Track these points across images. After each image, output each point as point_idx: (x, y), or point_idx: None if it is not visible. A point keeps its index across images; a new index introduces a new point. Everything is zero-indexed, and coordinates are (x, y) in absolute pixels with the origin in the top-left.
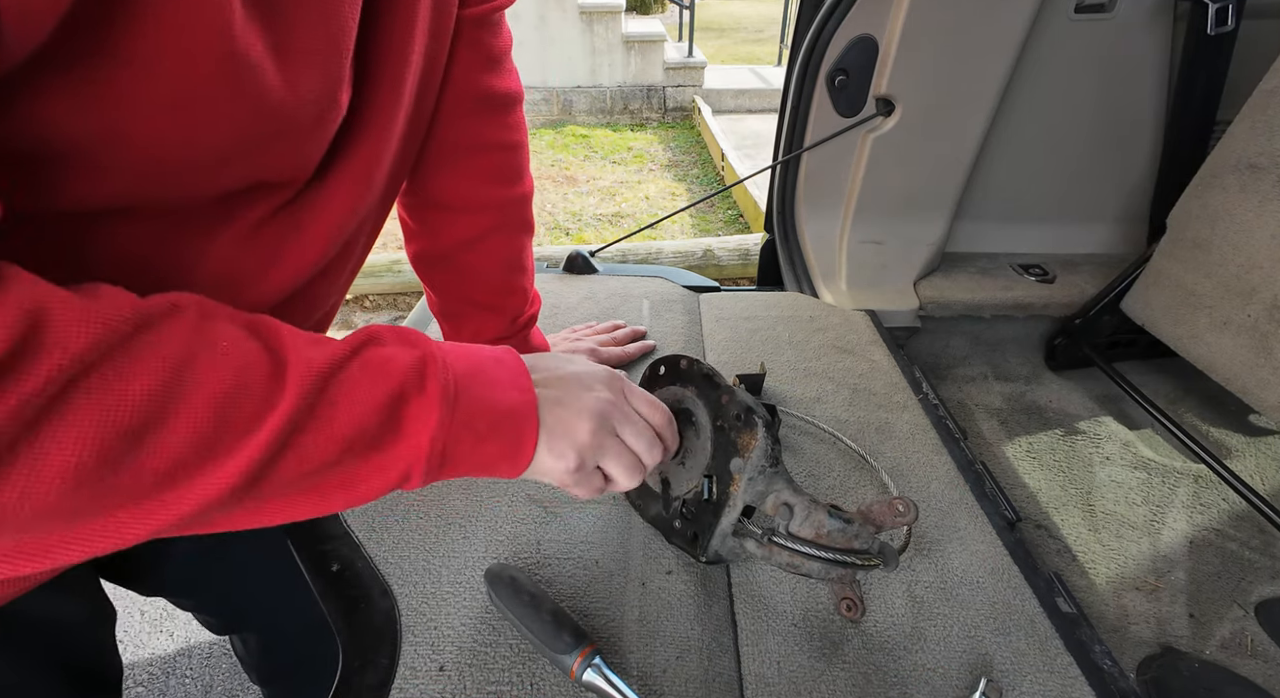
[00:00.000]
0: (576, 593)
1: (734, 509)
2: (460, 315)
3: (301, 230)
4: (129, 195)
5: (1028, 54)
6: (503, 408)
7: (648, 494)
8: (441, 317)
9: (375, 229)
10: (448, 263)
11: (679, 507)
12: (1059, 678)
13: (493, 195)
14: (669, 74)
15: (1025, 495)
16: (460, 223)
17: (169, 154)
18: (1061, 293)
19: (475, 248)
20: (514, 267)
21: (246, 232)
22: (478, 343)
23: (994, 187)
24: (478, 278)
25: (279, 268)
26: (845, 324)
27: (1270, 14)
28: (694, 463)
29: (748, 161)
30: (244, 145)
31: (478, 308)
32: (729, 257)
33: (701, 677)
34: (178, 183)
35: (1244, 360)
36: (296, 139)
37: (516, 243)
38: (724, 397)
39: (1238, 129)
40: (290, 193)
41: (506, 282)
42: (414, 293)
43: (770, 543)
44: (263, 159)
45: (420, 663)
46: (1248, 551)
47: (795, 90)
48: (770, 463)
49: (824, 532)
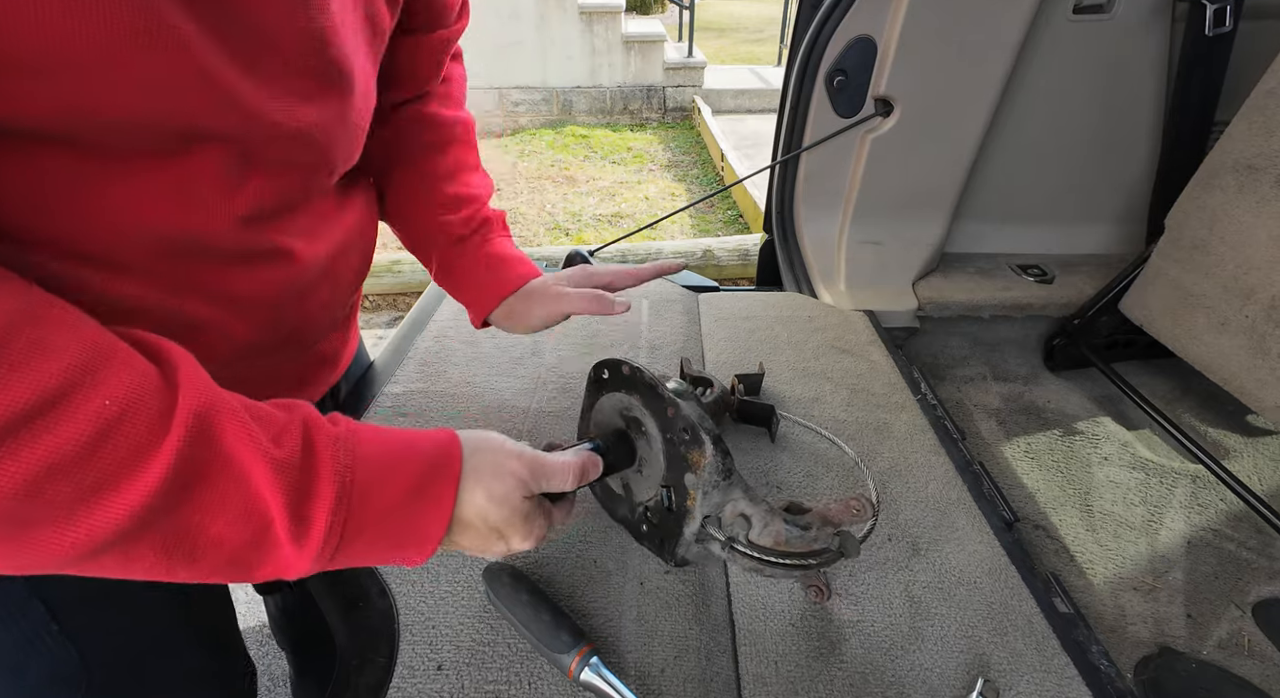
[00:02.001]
0: (575, 592)
1: (694, 521)
2: (419, 245)
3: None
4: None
5: (1026, 55)
6: (398, 542)
7: (613, 496)
8: (418, 256)
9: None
10: (396, 190)
11: (642, 512)
12: (1056, 678)
13: (429, 112)
14: (669, 74)
15: (1023, 496)
16: (401, 144)
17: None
18: (1060, 293)
19: (413, 166)
20: (449, 179)
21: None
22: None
23: (993, 187)
24: (418, 197)
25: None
26: (844, 324)
27: (1268, 15)
28: (650, 472)
29: (747, 162)
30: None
31: (429, 233)
32: (728, 257)
33: (699, 677)
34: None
35: (1242, 361)
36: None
37: (450, 158)
38: (669, 410)
39: (1236, 130)
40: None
41: (444, 193)
42: (414, 293)
43: (733, 551)
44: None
45: (418, 662)
46: (1245, 551)
47: (794, 90)
48: (723, 476)
49: (783, 540)
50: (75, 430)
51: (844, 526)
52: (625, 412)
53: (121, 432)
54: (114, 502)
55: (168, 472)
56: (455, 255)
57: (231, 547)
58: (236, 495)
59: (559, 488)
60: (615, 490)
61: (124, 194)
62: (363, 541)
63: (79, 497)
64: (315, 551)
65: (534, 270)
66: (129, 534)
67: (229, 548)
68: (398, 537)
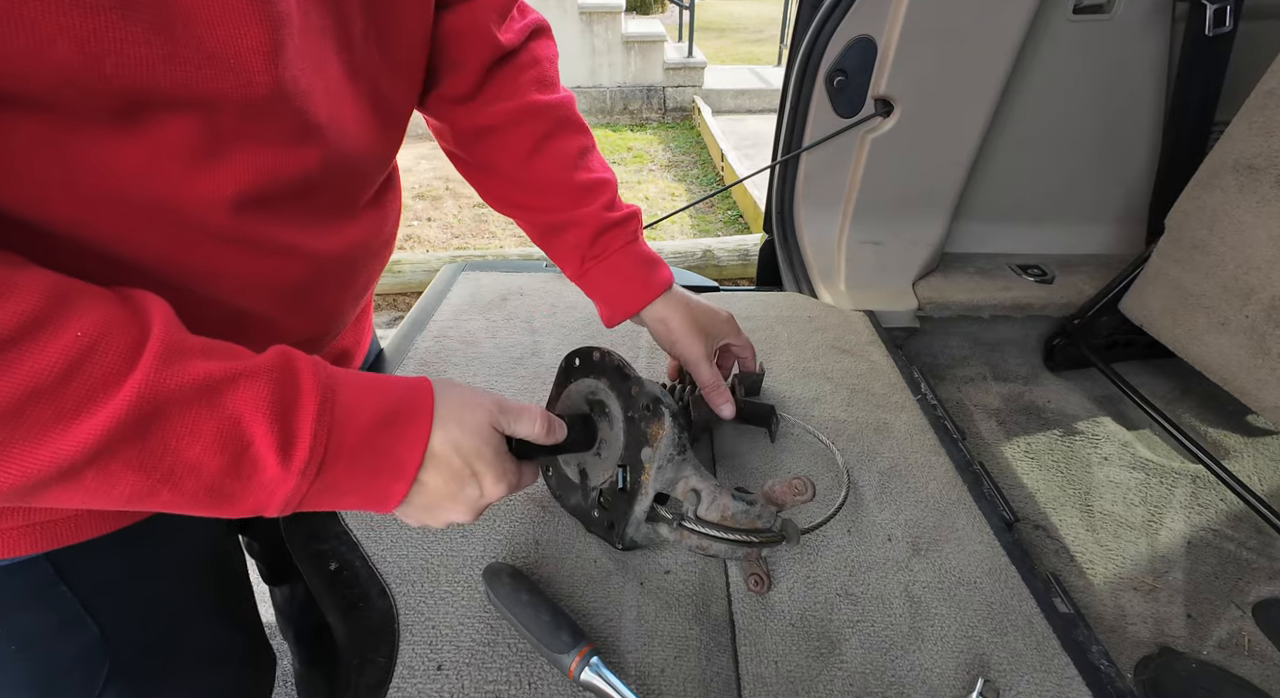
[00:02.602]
0: (575, 592)
1: (646, 497)
2: (547, 240)
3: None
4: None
5: (1026, 55)
6: (376, 472)
7: (567, 484)
8: (543, 247)
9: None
10: (516, 187)
11: (596, 496)
12: (1056, 678)
13: (531, 101)
14: (669, 74)
15: (1023, 496)
16: (511, 141)
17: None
18: (1060, 293)
19: (533, 161)
20: (577, 167)
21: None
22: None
23: (993, 187)
24: (544, 191)
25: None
26: (844, 324)
27: (1268, 15)
28: (609, 454)
29: (747, 162)
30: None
31: (556, 229)
32: (728, 257)
33: (699, 677)
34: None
35: (1242, 361)
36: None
37: (573, 143)
38: (633, 388)
39: (1236, 130)
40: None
41: (572, 183)
42: (413, 293)
43: (680, 528)
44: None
45: (418, 662)
46: (1245, 551)
47: (794, 90)
48: (678, 451)
49: (728, 514)
50: (50, 358)
51: (788, 504)
52: (591, 396)
53: (94, 360)
54: (84, 425)
55: (135, 398)
56: (603, 248)
57: (210, 472)
58: (211, 421)
59: (526, 431)
60: (570, 478)
61: (93, 159)
62: (342, 463)
63: (56, 417)
64: (300, 465)
65: (670, 275)
66: (102, 454)
67: (208, 474)
68: (374, 462)
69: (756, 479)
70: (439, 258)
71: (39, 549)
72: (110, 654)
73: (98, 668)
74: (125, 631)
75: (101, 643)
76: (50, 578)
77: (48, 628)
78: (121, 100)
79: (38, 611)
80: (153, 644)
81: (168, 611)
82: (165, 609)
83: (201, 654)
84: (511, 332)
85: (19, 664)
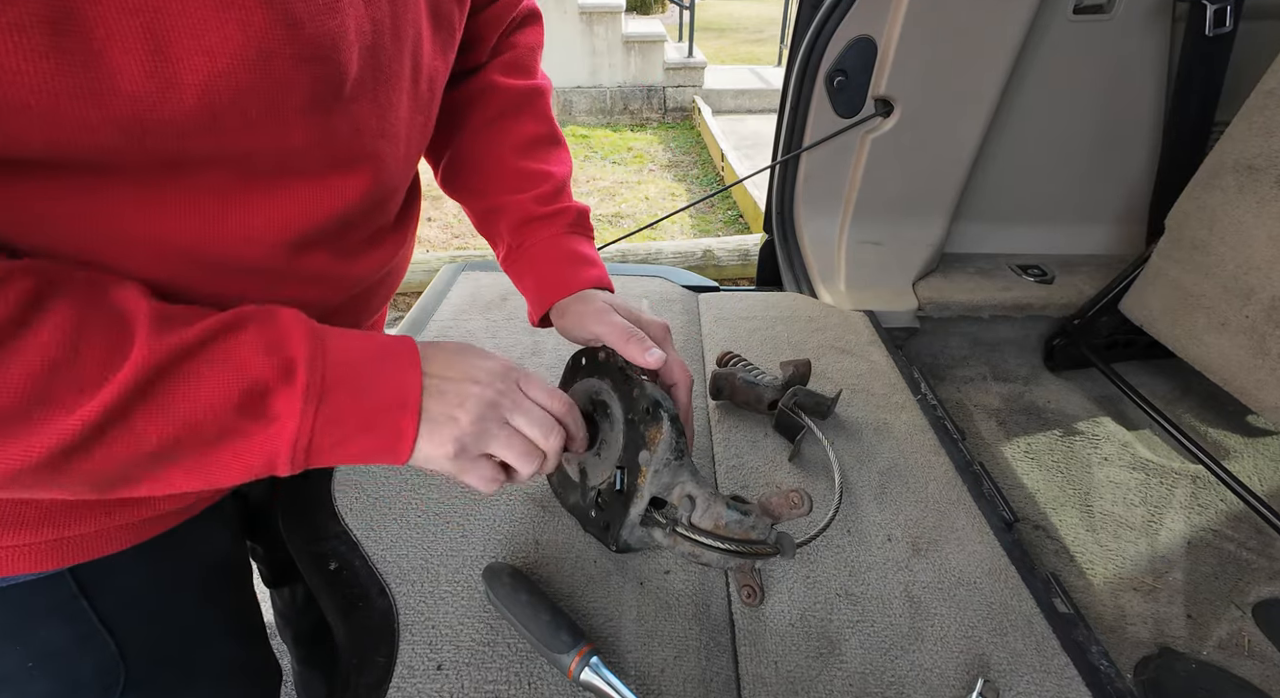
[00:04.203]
0: (574, 592)
1: (641, 500)
2: (484, 227)
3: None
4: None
5: (1026, 55)
6: (379, 404)
7: (567, 483)
8: (483, 234)
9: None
10: (458, 168)
11: (594, 496)
12: (1055, 678)
13: (491, 81)
14: (669, 74)
15: (1023, 496)
16: (461, 120)
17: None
18: (1060, 294)
19: (476, 140)
20: (520, 153)
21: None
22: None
23: (992, 187)
24: (479, 172)
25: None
26: (844, 325)
27: (1268, 15)
28: (609, 454)
29: (747, 162)
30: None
31: (487, 214)
32: (728, 257)
33: (699, 677)
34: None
35: (1242, 361)
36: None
37: (524, 129)
38: (635, 390)
39: (1236, 130)
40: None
41: (508, 167)
42: (414, 293)
43: (674, 533)
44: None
45: (418, 662)
46: (1245, 551)
47: (794, 91)
48: (675, 456)
49: (722, 523)
50: (59, 334)
51: (783, 517)
52: (594, 396)
53: (94, 334)
54: (101, 391)
55: (141, 361)
56: (524, 239)
57: (222, 410)
58: (213, 367)
59: (537, 394)
60: (570, 477)
61: (133, 206)
62: (343, 391)
63: (75, 385)
64: (303, 388)
65: (605, 277)
66: (124, 412)
67: (221, 412)
68: (374, 389)
69: (757, 480)
70: (439, 258)
71: (63, 564)
72: (126, 669)
73: (113, 683)
74: (141, 644)
75: (118, 658)
76: (72, 593)
77: (67, 644)
78: (161, 159)
79: (58, 626)
80: (167, 658)
81: (182, 623)
82: (179, 622)
83: (213, 667)
84: (511, 332)
85: (38, 681)
